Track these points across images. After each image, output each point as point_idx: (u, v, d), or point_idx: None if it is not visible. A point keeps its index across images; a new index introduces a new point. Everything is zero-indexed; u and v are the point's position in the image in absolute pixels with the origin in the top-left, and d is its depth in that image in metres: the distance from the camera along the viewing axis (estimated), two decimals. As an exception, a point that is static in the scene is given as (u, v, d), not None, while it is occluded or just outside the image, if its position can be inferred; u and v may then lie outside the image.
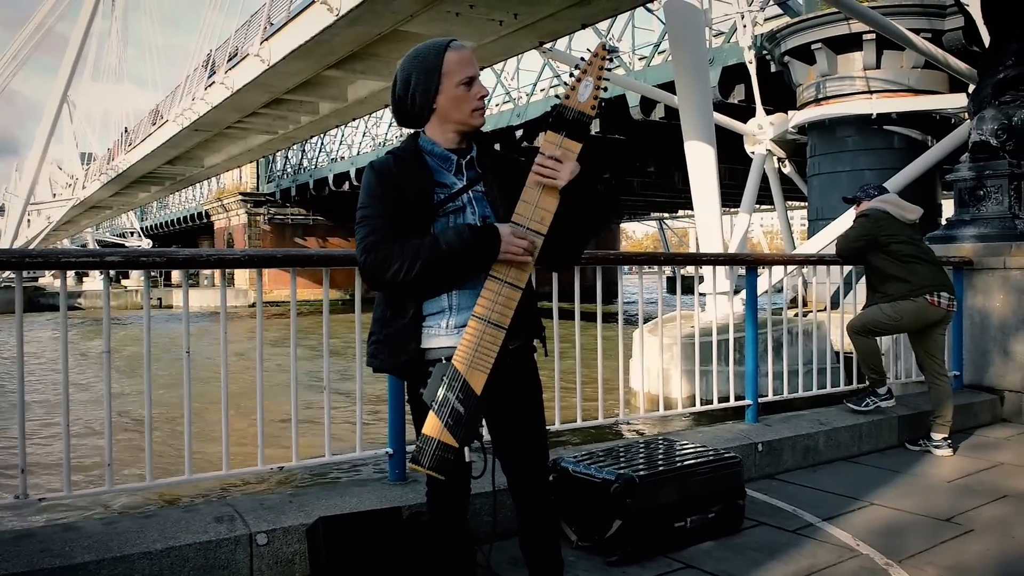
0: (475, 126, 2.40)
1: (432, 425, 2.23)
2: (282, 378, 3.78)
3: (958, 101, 15.84)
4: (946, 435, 5.34)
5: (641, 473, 3.56)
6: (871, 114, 17.08)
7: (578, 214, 2.34)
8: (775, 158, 20.41)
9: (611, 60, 2.34)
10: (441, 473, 2.23)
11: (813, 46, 17.59)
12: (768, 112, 19.56)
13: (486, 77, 30.84)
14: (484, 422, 2.36)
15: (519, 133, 28.03)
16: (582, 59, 2.35)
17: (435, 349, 2.33)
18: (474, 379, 2.23)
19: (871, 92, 17.25)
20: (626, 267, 5.20)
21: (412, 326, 2.34)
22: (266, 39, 20.04)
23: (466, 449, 2.26)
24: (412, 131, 2.47)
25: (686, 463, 3.77)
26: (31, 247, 46.92)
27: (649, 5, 19.10)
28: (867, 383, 5.63)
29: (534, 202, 2.29)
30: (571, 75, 2.33)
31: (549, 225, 2.29)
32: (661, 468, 3.67)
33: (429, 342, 2.35)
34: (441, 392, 2.23)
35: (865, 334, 5.51)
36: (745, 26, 19.12)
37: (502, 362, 2.29)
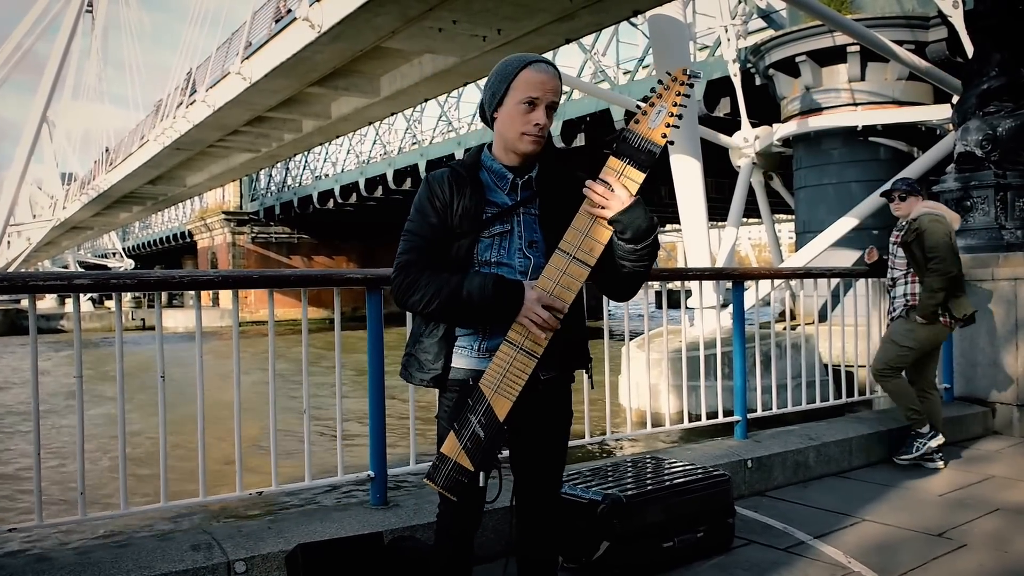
0: (521, 151, 2.29)
1: (451, 445, 2.20)
2: (262, 400, 3.72)
3: (943, 112, 15.95)
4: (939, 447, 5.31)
5: (629, 493, 3.52)
6: (856, 126, 17.17)
7: (626, 250, 2.21)
8: (761, 171, 20.49)
9: (691, 86, 2.17)
10: (454, 494, 2.21)
11: (797, 59, 17.69)
12: (754, 125, 19.64)
13: (469, 92, 30.90)
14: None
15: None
16: (660, 81, 2.19)
17: (464, 370, 2.31)
18: (498, 405, 2.19)
19: (856, 104, 17.36)
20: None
21: (441, 345, 2.32)
22: (247, 57, 20.02)
23: (481, 473, 2.22)
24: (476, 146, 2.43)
25: (674, 482, 3.73)
26: (11, 269, 46.62)
27: (633, 19, 19.18)
28: (908, 425, 5.38)
29: (585, 230, 2.19)
30: (645, 99, 2.17)
31: (599, 256, 2.19)
32: (649, 488, 3.63)
33: (459, 362, 2.33)
34: (463, 415, 2.20)
35: (892, 374, 5.36)
36: (729, 40, 19.25)
37: (532, 392, 2.24)
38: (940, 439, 5.29)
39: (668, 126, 2.16)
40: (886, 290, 5.53)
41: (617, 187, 2.17)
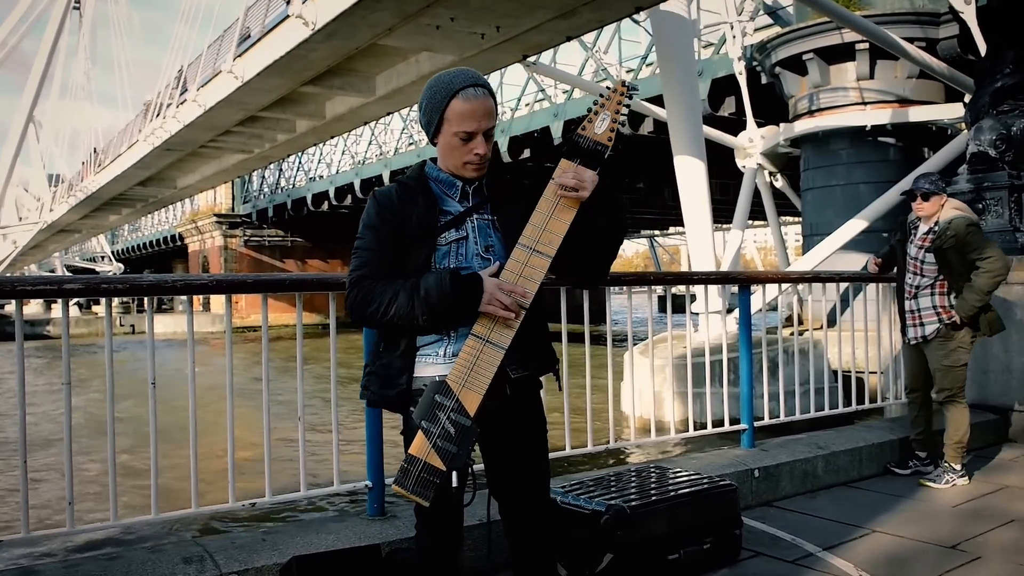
0: (466, 177, 2.38)
1: (419, 445, 2.19)
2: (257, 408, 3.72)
3: (955, 111, 15.95)
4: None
5: (633, 504, 3.52)
6: (865, 126, 17.16)
7: (602, 226, 2.35)
8: (767, 172, 20.49)
9: (630, 97, 2.37)
10: (425, 498, 2.19)
11: (805, 56, 17.69)
12: (759, 125, 19.63)
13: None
14: (476, 448, 2.32)
15: (504, 149, 28.04)
16: (601, 95, 2.38)
17: (430, 377, 2.30)
18: (468, 400, 2.20)
19: (865, 103, 17.35)
20: (615, 287, 5.17)
21: (404, 358, 2.32)
22: (239, 55, 20.02)
23: (454, 474, 2.21)
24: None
25: (680, 492, 3.73)
26: (-4, 273, 46.54)
27: (636, 16, 19.19)
28: (944, 459, 5.19)
29: (542, 225, 2.29)
30: (589, 110, 2.36)
31: (557, 248, 2.28)
32: (654, 498, 3.63)
33: (424, 371, 2.32)
34: (431, 411, 2.20)
35: (962, 393, 5.19)
36: (735, 37, 19.23)
37: (502, 389, 2.26)
38: (966, 480, 5.15)
39: (612, 130, 2.34)
40: (906, 296, 5.30)
41: (581, 169, 2.31)
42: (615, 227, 2.41)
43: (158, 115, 27.44)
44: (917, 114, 16.87)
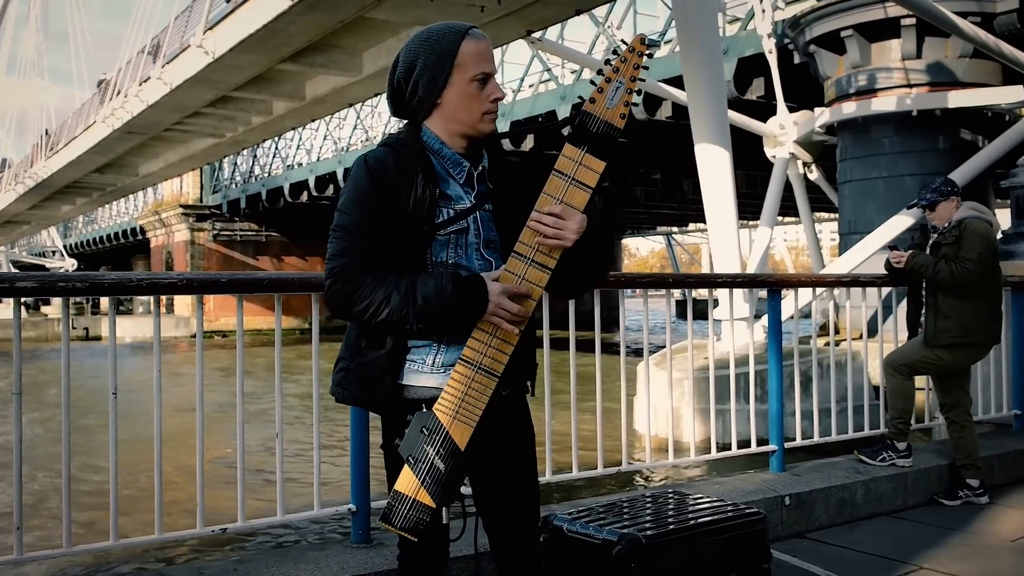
0: (483, 132, 2.34)
1: (406, 481, 2.20)
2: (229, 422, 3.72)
3: (1013, 95, 15.91)
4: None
5: (648, 533, 3.51)
6: (911, 111, 17.14)
7: (586, 257, 2.31)
8: (800, 163, 20.49)
9: (650, 56, 2.25)
10: (414, 535, 2.21)
11: (843, 33, 17.68)
12: (791, 110, 19.64)
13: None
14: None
15: (505, 138, 28.01)
16: (615, 52, 2.25)
17: (417, 388, 2.29)
18: (458, 433, 2.20)
19: (911, 86, 17.32)
20: (629, 290, 5.18)
21: (391, 358, 2.29)
22: (210, 27, 20.06)
23: (444, 509, 2.23)
24: (408, 123, 2.40)
25: (701, 521, 3.72)
26: (-65, 269, 46.64)
27: (654, -13, 19.19)
28: (888, 432, 5.43)
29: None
30: (599, 73, 2.24)
31: (558, 259, 2.24)
32: (671, 527, 3.62)
33: (410, 379, 2.30)
34: (419, 445, 2.20)
35: (907, 374, 5.39)
36: (764, 11, 19.22)
37: (492, 411, 2.25)
38: (910, 461, 5.34)
39: (627, 104, 2.22)
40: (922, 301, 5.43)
41: (565, 210, 2.21)
42: (609, 251, 2.41)
43: (118, 94, 27.48)
44: (970, 98, 16.81)
